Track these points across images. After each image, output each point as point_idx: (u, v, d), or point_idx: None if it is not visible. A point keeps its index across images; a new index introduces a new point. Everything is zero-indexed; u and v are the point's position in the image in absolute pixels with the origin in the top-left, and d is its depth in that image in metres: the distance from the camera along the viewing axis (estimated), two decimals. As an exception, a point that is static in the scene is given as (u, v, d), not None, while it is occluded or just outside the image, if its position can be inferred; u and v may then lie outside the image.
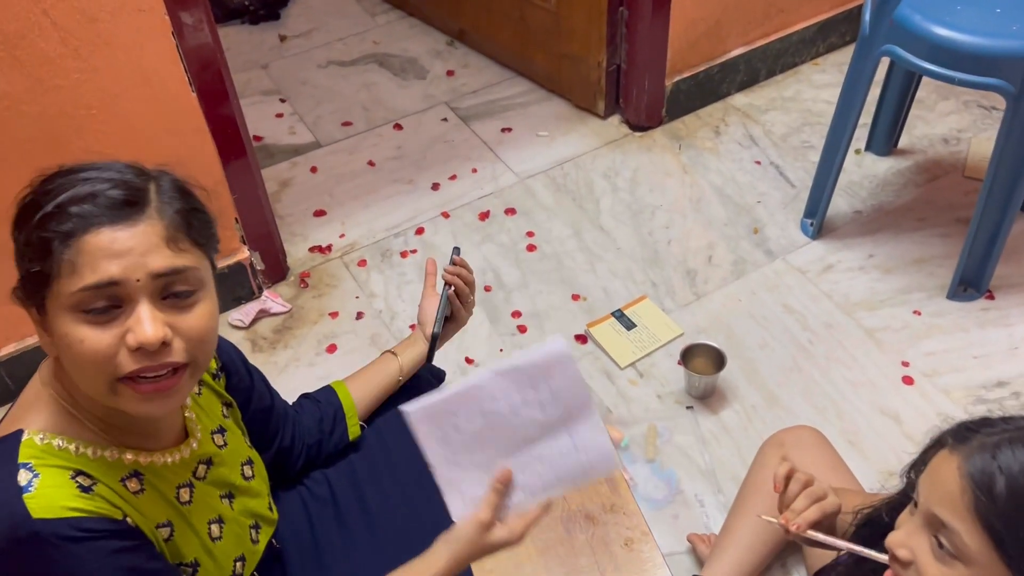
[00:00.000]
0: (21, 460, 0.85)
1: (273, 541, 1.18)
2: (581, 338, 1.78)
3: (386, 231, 2.02)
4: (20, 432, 0.87)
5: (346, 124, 2.31)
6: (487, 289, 1.88)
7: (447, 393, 0.96)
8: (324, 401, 1.37)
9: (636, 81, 2.17)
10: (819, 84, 2.33)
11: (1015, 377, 1.66)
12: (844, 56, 2.39)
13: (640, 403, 1.66)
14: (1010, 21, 1.53)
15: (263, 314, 1.85)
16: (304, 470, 1.33)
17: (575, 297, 1.86)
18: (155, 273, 0.82)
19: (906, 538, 0.82)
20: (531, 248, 1.96)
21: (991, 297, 1.81)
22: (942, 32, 1.54)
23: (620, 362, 1.73)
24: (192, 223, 0.86)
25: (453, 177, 2.14)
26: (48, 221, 0.81)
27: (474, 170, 2.15)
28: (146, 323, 0.81)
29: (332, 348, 1.78)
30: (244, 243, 1.83)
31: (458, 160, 2.18)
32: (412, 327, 1.47)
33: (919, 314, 1.78)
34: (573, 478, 0.98)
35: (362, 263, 1.95)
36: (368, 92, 2.41)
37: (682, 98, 2.23)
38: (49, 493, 0.84)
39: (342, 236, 2.01)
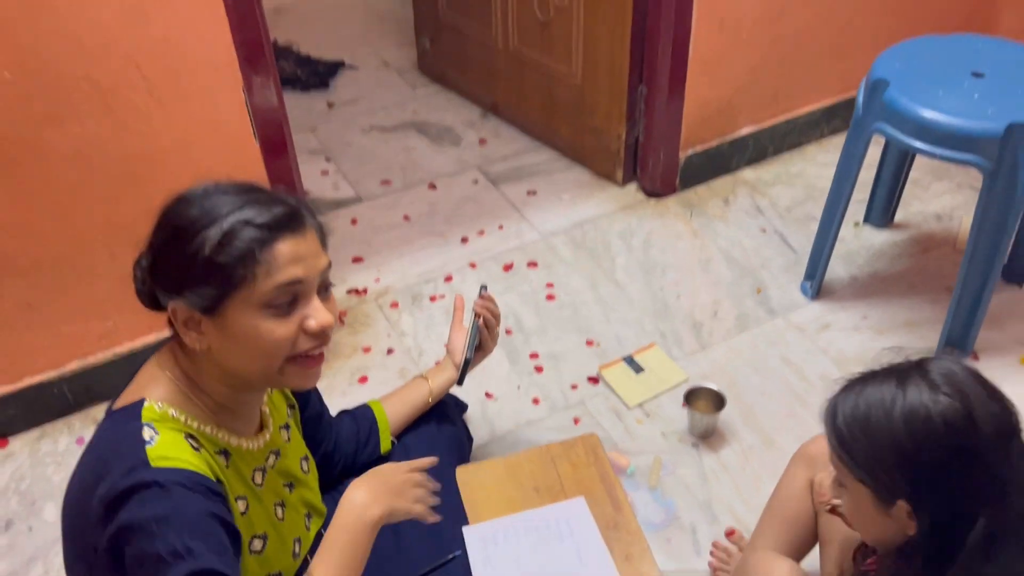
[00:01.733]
0: (144, 420, 1.03)
1: (322, 531, 1.33)
2: (594, 379, 1.93)
3: (417, 278, 2.19)
4: (142, 400, 1.06)
5: (385, 183, 2.52)
6: (508, 332, 2.04)
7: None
8: (361, 416, 1.54)
9: (652, 153, 2.36)
10: (822, 163, 2.51)
11: (995, 430, 1.79)
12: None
13: (646, 439, 1.80)
14: (986, 105, 1.71)
15: (302, 347, 2.02)
16: (340, 477, 1.49)
17: (589, 343, 2.01)
18: (323, 271, 1.05)
19: (823, 478, 1.14)
20: (550, 297, 2.13)
21: (976, 358, 1.95)
22: (927, 114, 1.72)
23: (629, 402, 1.88)
24: (324, 232, 1.07)
25: (481, 232, 2.33)
26: (237, 232, 0.99)
27: (501, 227, 2.34)
28: (323, 311, 1.05)
29: (363, 379, 1.94)
30: (289, 281, 2.01)
31: (486, 218, 2.37)
32: (438, 363, 1.64)
33: (908, 371, 1.92)
34: None
35: (394, 305, 2.12)
36: (406, 155, 2.62)
37: (695, 170, 2.42)
38: (167, 447, 1.02)
39: (377, 280, 2.19)
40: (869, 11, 2.37)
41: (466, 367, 1.59)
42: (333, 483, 1.49)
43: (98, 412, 1.89)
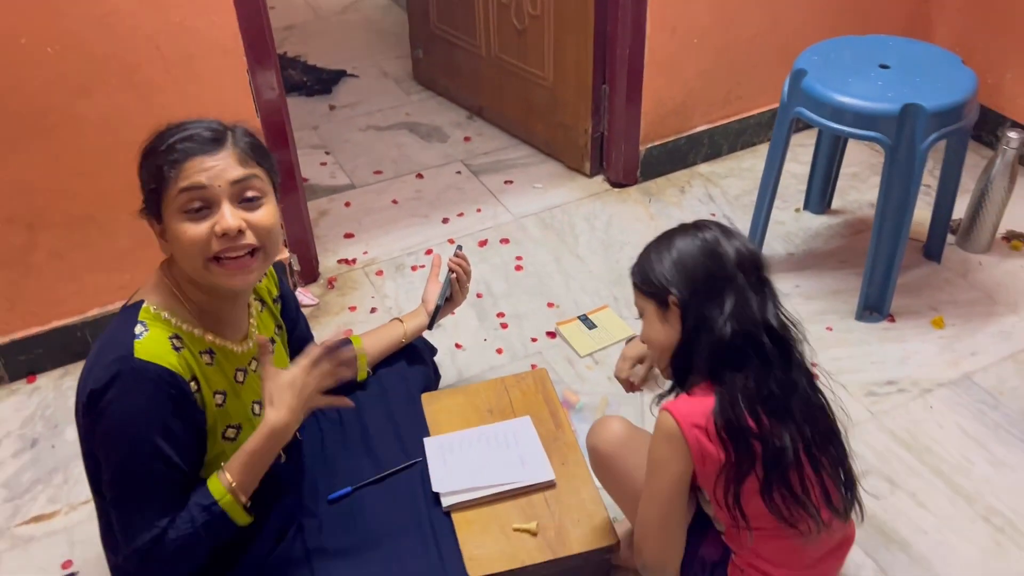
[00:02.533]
0: (139, 319, 1.29)
1: (297, 434, 1.58)
2: (551, 334, 2.18)
3: (401, 251, 2.46)
4: (142, 301, 1.32)
5: (377, 172, 2.80)
6: (479, 296, 2.30)
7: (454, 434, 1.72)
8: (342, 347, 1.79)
9: (615, 146, 2.63)
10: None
11: (901, 378, 2.03)
12: (796, 140, 2.84)
13: (594, 382, 2.05)
14: (888, 90, 1.97)
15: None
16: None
17: (550, 305, 2.27)
18: (231, 180, 1.28)
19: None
20: (518, 268, 2.39)
21: (892, 320, 2.19)
22: (838, 98, 1.98)
23: (580, 352, 2.12)
24: (256, 151, 1.32)
25: (461, 214, 2.59)
26: (163, 156, 1.26)
27: (479, 210, 2.61)
28: (227, 216, 1.26)
29: (348, 332, 2.19)
30: (286, 246, 2.28)
31: (466, 202, 2.64)
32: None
33: (831, 330, 2.16)
34: (516, 480, 1.63)
35: (379, 273, 2.39)
36: (398, 150, 2.90)
37: (654, 162, 2.68)
38: (150, 341, 1.28)
39: (365, 253, 2.46)
40: (815, 22, 2.64)
41: (436, 313, 1.84)
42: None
43: (114, 355, 2.15)
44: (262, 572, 1.47)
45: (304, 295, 2.31)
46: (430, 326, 1.86)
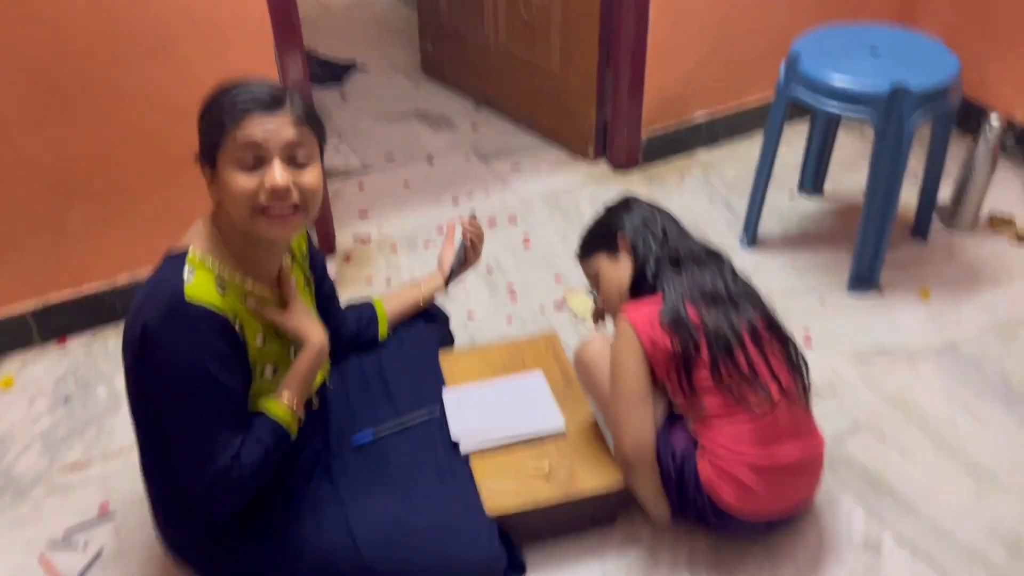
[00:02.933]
0: (187, 263, 1.39)
1: (327, 382, 1.69)
2: (559, 304, 2.30)
3: (413, 229, 2.57)
4: (187, 249, 1.42)
5: (389, 158, 2.91)
6: (488, 270, 2.41)
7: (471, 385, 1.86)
8: (364, 307, 1.91)
9: (618, 132, 2.76)
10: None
11: (889, 344, 2.15)
12: (792, 128, 2.97)
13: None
14: (877, 73, 2.10)
15: (314, 276, 2.39)
16: (345, 352, 1.84)
17: (557, 278, 2.38)
18: (285, 141, 1.39)
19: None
20: (527, 244, 2.50)
21: (881, 292, 2.31)
22: (831, 80, 2.11)
23: (586, 319, 2.24)
24: (310, 118, 1.43)
25: (470, 196, 2.71)
26: (226, 110, 1.37)
27: (487, 192, 2.72)
28: (277, 173, 1.37)
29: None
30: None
31: (475, 185, 2.76)
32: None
33: (823, 301, 2.28)
34: (529, 430, 1.77)
35: (393, 248, 2.50)
36: (408, 137, 3.02)
37: (655, 148, 2.81)
38: (198, 286, 1.39)
39: (379, 230, 2.57)
40: (808, 17, 2.76)
41: (451, 275, 1.95)
42: (339, 358, 1.85)
43: (142, 320, 2.25)
44: (296, 509, 1.58)
45: (322, 267, 2.41)
46: (446, 285, 1.96)
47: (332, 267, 2.43)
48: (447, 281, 1.95)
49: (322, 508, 1.59)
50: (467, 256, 1.95)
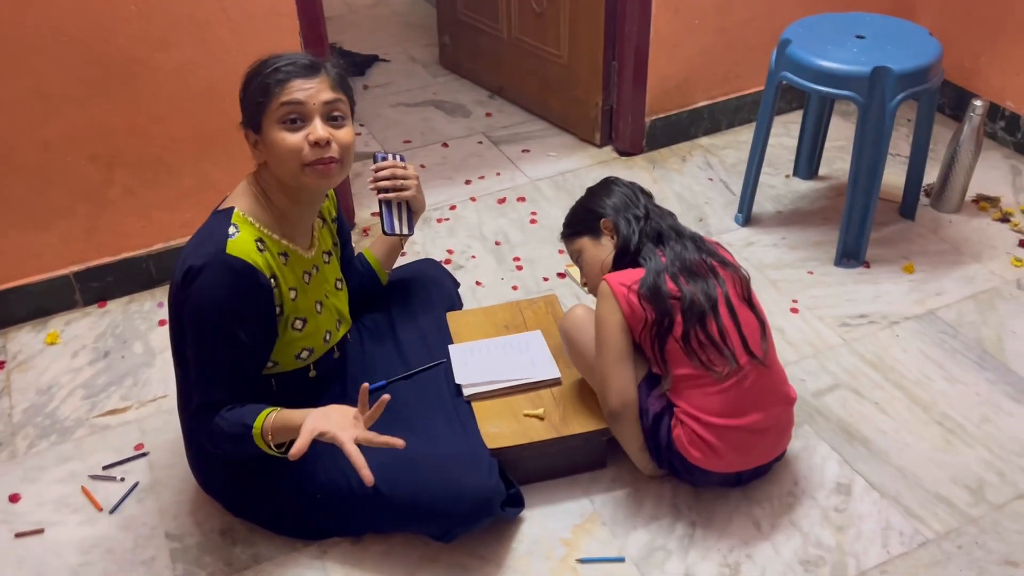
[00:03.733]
0: (232, 221, 1.57)
1: (347, 335, 1.85)
2: (561, 275, 2.45)
3: (429, 206, 2.73)
4: (232, 208, 1.60)
5: (407, 141, 3.08)
6: (497, 243, 2.57)
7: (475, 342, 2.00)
8: (359, 260, 2.02)
9: (623, 118, 2.91)
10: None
11: (872, 312, 2.28)
12: (789, 117, 3.11)
13: (598, 313, 2.31)
14: (862, 56, 2.24)
15: (335, 248, 2.56)
16: (356, 303, 2.00)
17: (560, 251, 2.53)
18: (324, 101, 1.56)
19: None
20: (533, 221, 2.66)
21: (867, 266, 2.44)
22: (818, 62, 2.25)
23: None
24: (342, 81, 1.60)
25: (482, 177, 2.87)
26: (271, 75, 1.54)
27: (498, 173, 2.89)
28: (319, 127, 1.54)
29: (382, 270, 2.47)
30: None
31: (487, 167, 2.92)
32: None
33: (811, 273, 2.42)
34: (527, 376, 1.91)
35: (409, 223, 2.66)
36: (425, 123, 3.19)
37: (659, 134, 2.96)
38: (241, 241, 1.56)
39: (396, 206, 2.73)
40: (806, 8, 2.89)
41: (394, 228, 1.81)
42: (354, 309, 2.01)
43: (175, 285, 2.43)
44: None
45: (342, 239, 2.59)
46: (410, 232, 1.88)
47: (353, 239, 2.60)
48: (403, 235, 1.87)
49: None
50: (409, 203, 1.86)
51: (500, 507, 1.71)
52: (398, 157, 1.87)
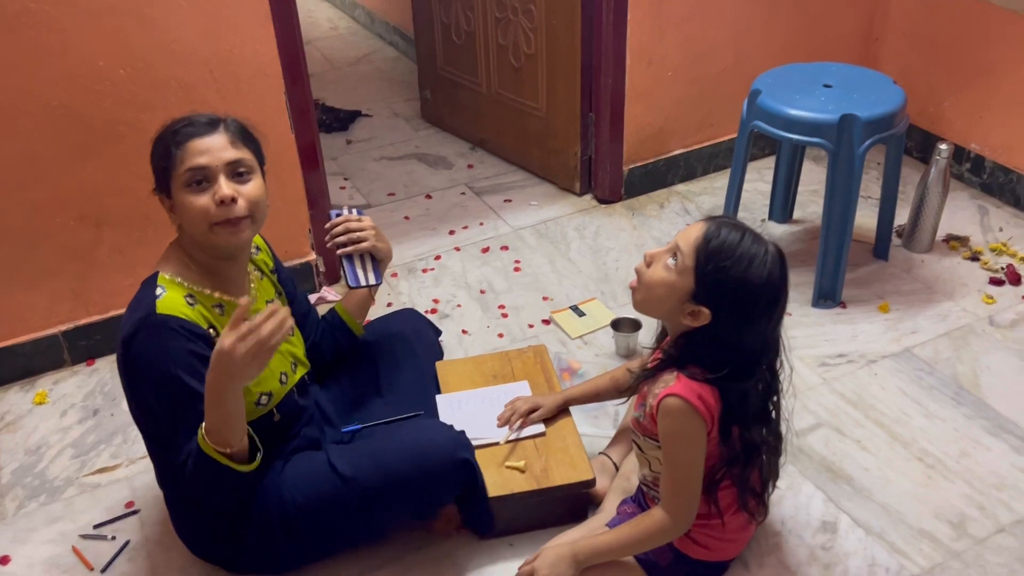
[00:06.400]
0: (159, 283, 1.60)
1: (305, 377, 1.86)
2: (546, 321, 2.49)
3: (413, 257, 2.78)
4: (158, 272, 1.63)
5: (390, 194, 3.14)
6: (482, 292, 2.61)
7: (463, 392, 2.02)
8: (330, 316, 2.05)
9: (601, 167, 2.98)
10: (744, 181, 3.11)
11: (850, 351, 2.33)
12: (763, 163, 3.19)
13: (584, 359, 2.34)
14: (828, 103, 2.32)
15: (321, 300, 2.59)
16: (332, 363, 2.03)
17: (545, 298, 2.58)
18: (226, 161, 1.59)
19: (655, 254, 1.54)
20: (517, 270, 2.71)
21: (844, 306, 2.49)
22: (788, 111, 2.33)
23: (572, 335, 2.43)
24: (244, 136, 1.63)
25: (465, 227, 2.92)
26: (169, 140, 1.59)
27: (481, 223, 2.94)
28: (224, 187, 1.57)
29: (367, 320, 2.50)
30: (313, 250, 2.60)
31: (470, 217, 2.98)
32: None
33: (790, 315, 2.47)
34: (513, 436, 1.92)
35: (394, 275, 2.70)
36: (408, 176, 3.25)
37: (637, 182, 3.03)
38: (169, 299, 1.59)
39: (381, 258, 2.77)
40: (775, 61, 3.00)
41: (358, 282, 1.87)
42: (329, 368, 2.04)
43: (163, 342, 2.44)
44: (275, 476, 1.70)
45: (329, 292, 2.62)
46: (378, 282, 1.92)
47: (339, 291, 2.64)
48: (361, 287, 1.92)
49: (306, 462, 1.73)
50: (372, 253, 1.89)
51: (472, 459, 1.74)
52: (354, 211, 1.90)
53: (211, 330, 1.60)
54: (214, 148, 1.56)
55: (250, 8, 2.21)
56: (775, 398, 1.64)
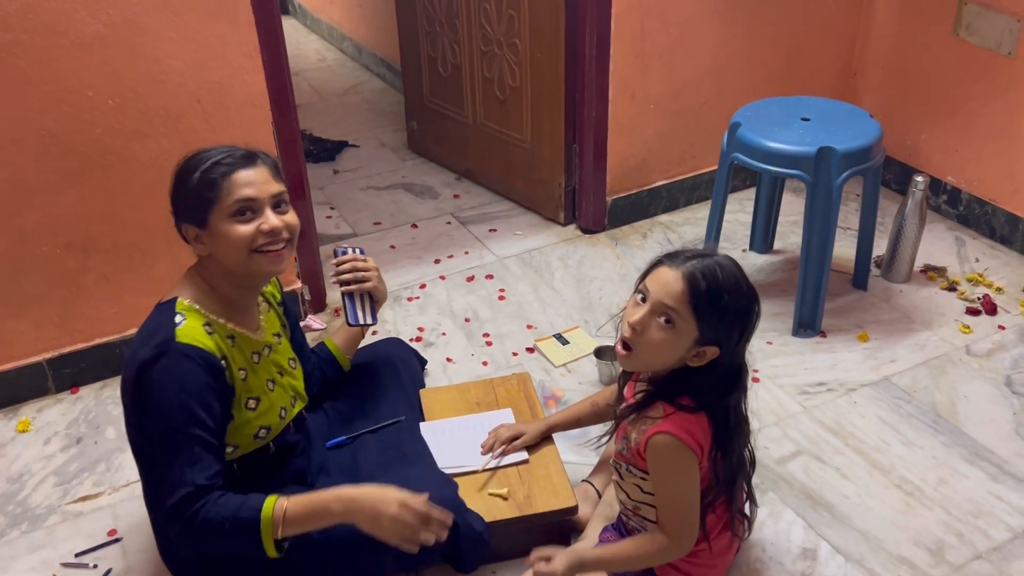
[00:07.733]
0: (177, 310, 1.61)
1: (303, 412, 1.88)
2: (530, 349, 2.51)
3: (398, 286, 2.80)
4: (176, 297, 1.65)
5: (377, 223, 3.16)
6: (467, 320, 2.63)
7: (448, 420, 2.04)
8: (320, 349, 2.08)
9: (585, 198, 3.02)
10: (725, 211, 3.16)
11: (830, 380, 2.36)
12: (743, 194, 3.24)
13: (567, 387, 2.36)
14: (806, 137, 2.37)
15: (306, 329, 2.60)
16: (319, 395, 2.04)
17: (529, 327, 2.60)
18: (272, 193, 1.64)
19: (641, 317, 1.51)
20: (501, 298, 2.73)
21: (824, 335, 2.53)
22: (767, 143, 2.37)
23: (555, 363, 2.45)
24: (279, 170, 1.68)
25: (451, 256, 2.95)
26: (213, 170, 1.61)
27: (466, 252, 2.97)
28: (272, 219, 1.62)
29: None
30: (299, 278, 2.62)
31: (455, 247, 3.00)
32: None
33: (771, 344, 2.50)
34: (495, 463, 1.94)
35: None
36: (395, 205, 3.28)
37: (620, 212, 3.07)
38: (189, 328, 1.61)
39: (367, 287, 2.79)
40: (756, 94, 3.06)
41: (357, 320, 1.92)
42: (316, 400, 2.05)
43: (148, 369, 2.45)
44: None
45: (314, 321, 2.63)
46: (374, 322, 1.96)
47: (324, 320, 2.65)
48: (359, 325, 1.96)
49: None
50: (371, 293, 1.95)
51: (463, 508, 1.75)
52: (358, 251, 1.97)
53: (224, 360, 1.62)
54: (258, 181, 1.60)
55: (239, 40, 2.24)
56: (745, 400, 1.65)
